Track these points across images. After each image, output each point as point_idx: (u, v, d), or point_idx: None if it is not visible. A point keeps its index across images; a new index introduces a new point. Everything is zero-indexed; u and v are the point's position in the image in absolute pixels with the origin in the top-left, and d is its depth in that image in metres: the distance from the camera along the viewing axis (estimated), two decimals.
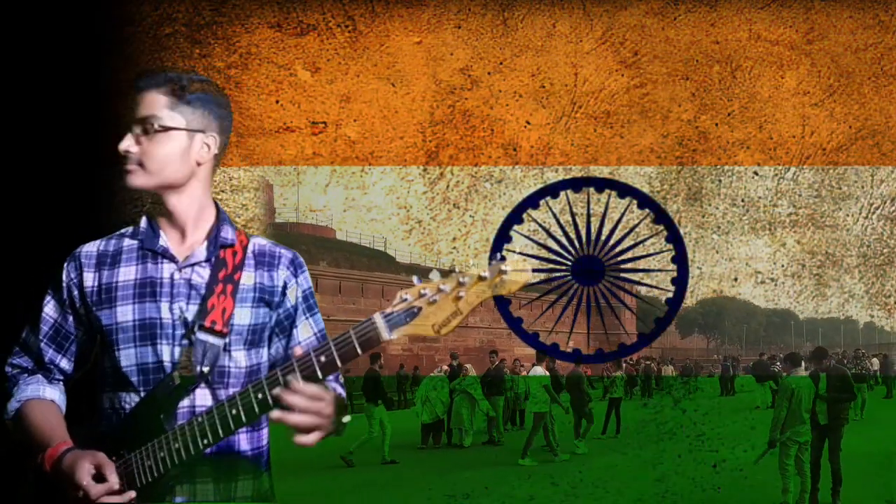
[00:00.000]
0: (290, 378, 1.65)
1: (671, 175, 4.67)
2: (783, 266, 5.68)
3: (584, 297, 4.13)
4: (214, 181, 1.94)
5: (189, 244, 1.87)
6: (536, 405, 11.04)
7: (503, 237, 4.04)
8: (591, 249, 4.16)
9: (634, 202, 4.03)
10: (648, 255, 4.16)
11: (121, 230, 1.94)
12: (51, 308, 1.90)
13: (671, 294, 4.04)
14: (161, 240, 1.86)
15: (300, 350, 1.69)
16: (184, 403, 1.79)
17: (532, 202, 4.07)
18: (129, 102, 1.84)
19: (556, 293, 4.12)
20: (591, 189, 4.07)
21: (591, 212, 4.11)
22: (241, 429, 1.76)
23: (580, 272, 4.13)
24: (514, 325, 3.96)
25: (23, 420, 1.85)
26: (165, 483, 1.74)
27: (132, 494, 1.71)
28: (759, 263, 5.92)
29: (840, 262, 5.49)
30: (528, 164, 4.32)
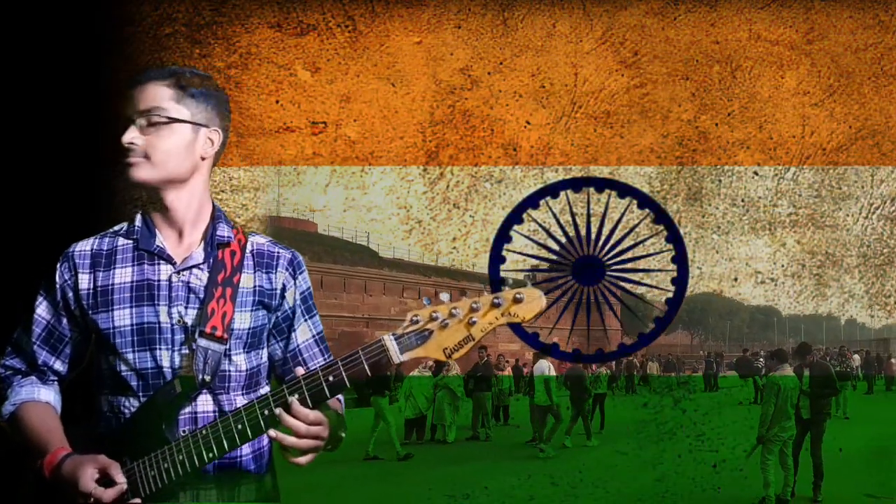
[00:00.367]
0: (293, 401, 1.64)
1: (671, 175, 4.67)
2: (783, 266, 5.69)
3: (584, 297, 4.13)
4: (214, 181, 1.92)
5: (186, 245, 1.83)
6: (543, 398, 11.08)
7: (503, 237, 4.04)
8: (591, 249, 4.16)
9: (634, 202, 4.04)
10: (648, 255, 4.16)
11: (114, 227, 1.89)
12: (43, 309, 1.86)
13: (671, 294, 4.04)
14: (157, 240, 1.82)
15: (301, 370, 1.68)
16: (185, 410, 1.77)
17: (532, 202, 4.07)
18: (129, 95, 1.80)
19: (556, 293, 4.12)
20: (591, 189, 4.07)
21: (591, 212, 4.11)
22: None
23: (580, 272, 4.13)
24: (514, 325, 3.95)
25: (18, 423, 1.81)
26: (168, 492, 1.73)
27: (137, 502, 1.70)
28: (759, 263, 5.93)
29: (840, 262, 5.49)
30: (528, 164, 4.32)
